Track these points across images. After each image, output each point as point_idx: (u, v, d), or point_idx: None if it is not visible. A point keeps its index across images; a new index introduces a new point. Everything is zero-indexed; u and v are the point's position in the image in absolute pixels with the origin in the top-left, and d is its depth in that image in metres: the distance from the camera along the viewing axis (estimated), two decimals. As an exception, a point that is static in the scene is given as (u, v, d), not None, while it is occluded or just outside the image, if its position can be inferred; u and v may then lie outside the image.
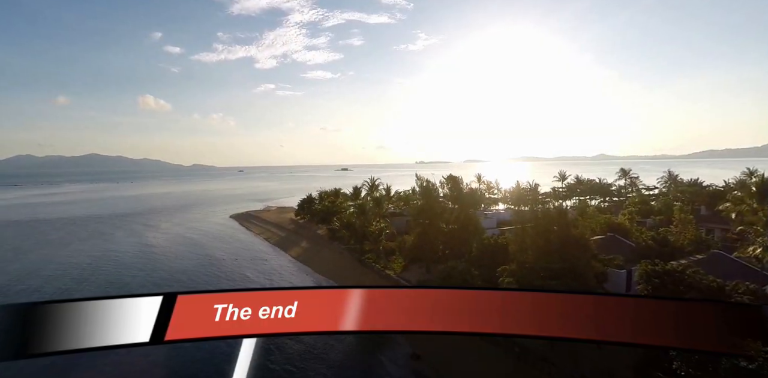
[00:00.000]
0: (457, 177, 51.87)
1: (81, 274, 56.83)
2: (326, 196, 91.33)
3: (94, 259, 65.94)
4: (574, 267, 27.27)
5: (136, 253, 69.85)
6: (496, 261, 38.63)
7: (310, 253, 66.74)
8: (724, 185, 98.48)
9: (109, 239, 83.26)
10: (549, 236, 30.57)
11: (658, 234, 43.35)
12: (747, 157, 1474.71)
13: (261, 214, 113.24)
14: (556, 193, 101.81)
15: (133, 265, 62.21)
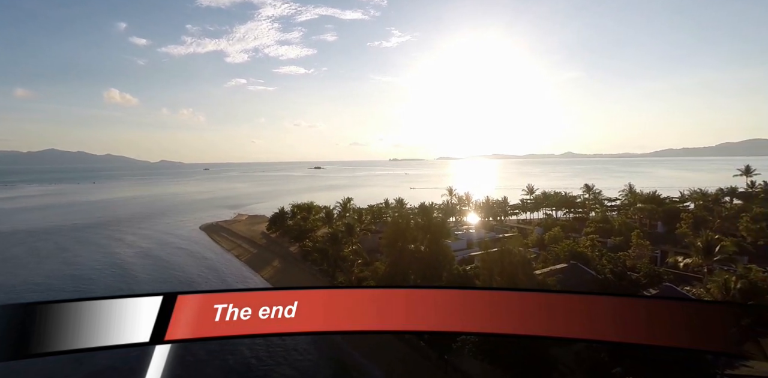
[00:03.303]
0: (429, 206, 52.44)
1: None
2: (299, 210, 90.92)
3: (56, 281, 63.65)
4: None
5: (102, 276, 67.72)
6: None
7: (282, 274, 66.43)
8: (680, 196, 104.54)
9: (70, 258, 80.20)
10: (515, 282, 31.82)
11: (617, 266, 45.73)
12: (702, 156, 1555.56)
13: (232, 226, 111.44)
14: (524, 205, 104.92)
15: (94, 291, 60.44)
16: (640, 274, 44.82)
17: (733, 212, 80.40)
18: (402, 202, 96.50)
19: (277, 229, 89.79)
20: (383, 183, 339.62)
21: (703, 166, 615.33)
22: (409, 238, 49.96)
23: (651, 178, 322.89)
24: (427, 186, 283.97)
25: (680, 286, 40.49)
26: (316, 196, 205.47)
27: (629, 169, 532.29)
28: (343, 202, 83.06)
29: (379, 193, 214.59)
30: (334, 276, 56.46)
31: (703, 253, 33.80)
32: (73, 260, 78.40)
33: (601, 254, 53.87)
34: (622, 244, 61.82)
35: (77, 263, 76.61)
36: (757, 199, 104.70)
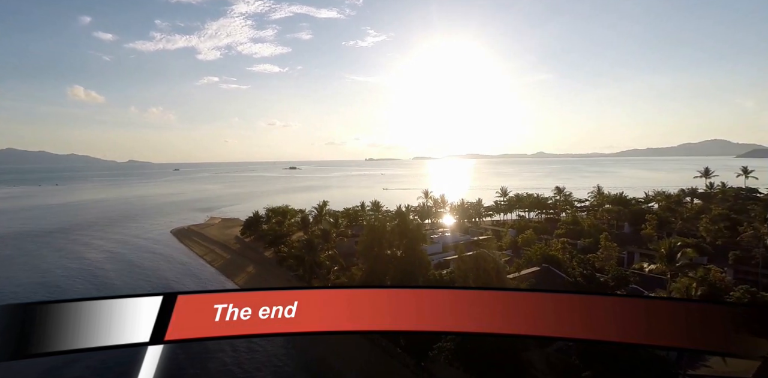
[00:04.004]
0: (405, 211, 52.71)
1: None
2: (274, 214, 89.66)
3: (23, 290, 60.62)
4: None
5: (71, 284, 65.06)
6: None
7: (257, 281, 65.36)
8: (645, 197, 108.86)
9: (37, 265, 76.56)
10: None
11: (586, 268, 47.25)
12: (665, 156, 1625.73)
13: (204, 230, 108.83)
14: (498, 207, 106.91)
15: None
16: (608, 277, 46.41)
17: (694, 213, 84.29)
18: (378, 205, 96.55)
19: (251, 234, 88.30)
20: (359, 184, 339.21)
21: (665, 165, 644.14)
22: (385, 243, 50.11)
23: (617, 178, 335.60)
24: (401, 187, 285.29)
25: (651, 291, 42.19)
26: (292, 197, 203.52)
27: (597, 169, 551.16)
28: (319, 206, 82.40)
29: (355, 194, 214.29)
30: (310, 282, 56.00)
31: (667, 260, 35.49)
32: (40, 267, 75.05)
33: (572, 256, 55.58)
34: (591, 246, 63.87)
35: (44, 270, 73.33)
36: (715, 199, 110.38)
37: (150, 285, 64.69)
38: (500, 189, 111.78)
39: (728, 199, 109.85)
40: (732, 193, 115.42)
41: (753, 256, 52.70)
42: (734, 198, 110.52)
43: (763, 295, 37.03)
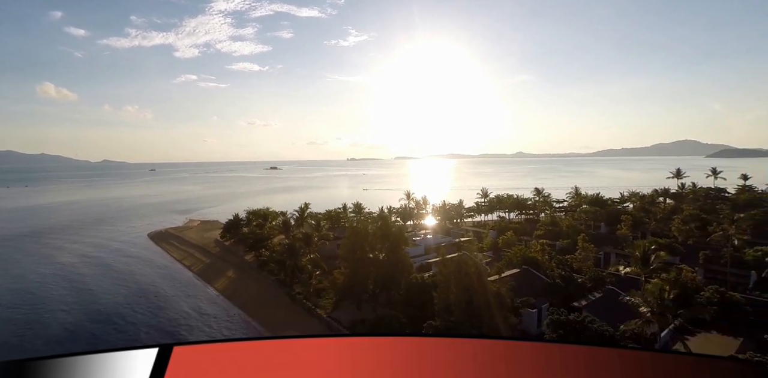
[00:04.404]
0: (387, 215, 52.72)
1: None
2: (254, 217, 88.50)
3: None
4: (492, 331, 29.64)
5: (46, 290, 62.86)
6: (424, 302, 40.66)
7: (237, 285, 64.40)
8: (620, 197, 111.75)
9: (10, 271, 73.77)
10: (471, 293, 32.74)
11: (565, 270, 48.23)
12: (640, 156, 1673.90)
13: (182, 233, 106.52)
14: (479, 208, 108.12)
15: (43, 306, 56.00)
16: (586, 278, 47.58)
17: (666, 213, 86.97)
18: (360, 206, 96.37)
19: (231, 237, 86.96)
20: (341, 184, 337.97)
21: (639, 165, 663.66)
22: (367, 246, 50.07)
23: (594, 178, 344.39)
24: (383, 187, 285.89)
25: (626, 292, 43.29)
26: (273, 198, 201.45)
27: (575, 169, 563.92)
28: (300, 208, 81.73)
29: (337, 195, 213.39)
30: (292, 287, 55.55)
31: (641, 263, 36.63)
32: (11, 273, 72.43)
33: (551, 257, 56.70)
34: (569, 247, 65.20)
35: (17, 276, 70.86)
36: (686, 199, 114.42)
37: (128, 291, 62.94)
38: (481, 190, 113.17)
39: (699, 198, 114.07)
40: (702, 193, 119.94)
41: (722, 256, 54.74)
42: (704, 198, 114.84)
43: (731, 295, 38.48)
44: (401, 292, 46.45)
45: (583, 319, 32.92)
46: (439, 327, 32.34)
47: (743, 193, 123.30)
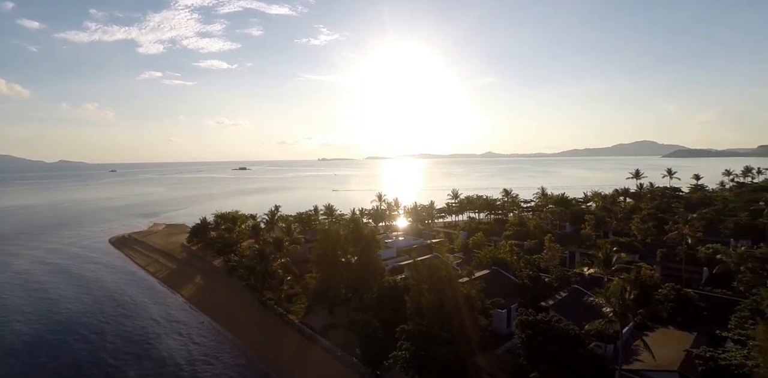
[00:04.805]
0: (359, 218, 52.65)
1: None
2: (223, 221, 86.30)
3: None
4: (463, 334, 30.15)
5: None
6: (396, 305, 40.77)
7: (205, 292, 62.68)
8: (584, 197, 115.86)
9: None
10: (442, 296, 33.17)
11: (533, 270, 49.62)
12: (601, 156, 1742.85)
13: (146, 238, 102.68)
14: (450, 209, 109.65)
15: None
16: (553, 278, 49.10)
17: (626, 213, 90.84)
18: (332, 209, 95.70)
19: (198, 241, 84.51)
20: (312, 185, 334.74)
21: (601, 165, 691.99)
22: (339, 250, 49.79)
23: (559, 178, 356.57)
24: (354, 188, 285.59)
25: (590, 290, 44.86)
26: (242, 200, 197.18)
27: (541, 169, 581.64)
28: (270, 211, 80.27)
29: (308, 196, 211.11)
30: (262, 293, 54.55)
31: (604, 264, 38.26)
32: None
33: (519, 257, 58.20)
34: (536, 247, 67.11)
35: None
36: (645, 198, 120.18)
37: (90, 299, 60.24)
38: (452, 191, 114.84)
39: (656, 197, 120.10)
40: (659, 193, 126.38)
41: (677, 254, 57.76)
42: (660, 197, 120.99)
43: (686, 292, 40.63)
44: (374, 296, 46.45)
45: (550, 319, 33.90)
46: (412, 331, 32.57)
47: (696, 193, 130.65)
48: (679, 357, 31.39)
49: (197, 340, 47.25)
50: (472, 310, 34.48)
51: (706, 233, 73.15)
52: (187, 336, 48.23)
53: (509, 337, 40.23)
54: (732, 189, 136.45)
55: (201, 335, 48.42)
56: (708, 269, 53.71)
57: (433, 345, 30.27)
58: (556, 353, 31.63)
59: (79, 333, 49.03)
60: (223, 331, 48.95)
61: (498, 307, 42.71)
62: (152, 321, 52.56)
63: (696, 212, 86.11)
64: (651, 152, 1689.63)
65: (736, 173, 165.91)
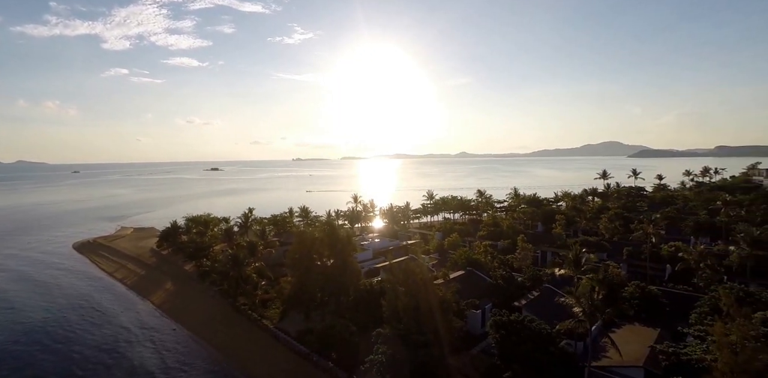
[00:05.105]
0: (334, 222, 52.35)
1: None
2: (194, 224, 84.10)
3: None
4: (438, 336, 30.48)
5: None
6: (373, 308, 40.77)
7: (176, 298, 60.92)
8: (554, 197, 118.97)
9: None
10: (418, 300, 33.43)
11: (506, 270, 50.65)
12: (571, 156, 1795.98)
13: (113, 242, 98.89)
14: (425, 210, 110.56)
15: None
16: (525, 277, 50.26)
17: (595, 212, 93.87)
18: (307, 211, 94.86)
19: (169, 246, 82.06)
20: (287, 186, 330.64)
21: (571, 165, 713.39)
22: (315, 254, 49.37)
23: (531, 178, 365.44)
24: (329, 188, 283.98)
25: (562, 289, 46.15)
26: (214, 202, 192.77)
27: (513, 169, 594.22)
28: (244, 214, 78.70)
29: (283, 197, 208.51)
30: (236, 298, 53.50)
31: (574, 265, 39.52)
32: None
33: (493, 257, 59.32)
34: (510, 247, 68.55)
35: None
36: (611, 198, 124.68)
37: (55, 307, 57.40)
38: (427, 192, 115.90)
39: (622, 197, 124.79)
40: (625, 192, 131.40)
41: (642, 251, 60.18)
42: (626, 196, 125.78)
43: (650, 289, 42.38)
44: (350, 299, 46.37)
45: (523, 319, 34.74)
46: (388, 335, 32.68)
47: (659, 192, 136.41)
48: (644, 353, 32.71)
49: (170, 347, 45.90)
50: (448, 312, 34.89)
51: (669, 231, 76.59)
52: (159, 343, 46.78)
53: (484, 336, 40.98)
54: (692, 188, 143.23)
55: (174, 342, 47.05)
56: (671, 266, 56.23)
57: (409, 348, 30.49)
58: (528, 353, 32.45)
59: (43, 343, 46.83)
60: (196, 338, 47.70)
61: (473, 307, 43.45)
62: (122, 329, 50.73)
63: (659, 211, 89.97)
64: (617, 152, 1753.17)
65: (695, 173, 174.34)
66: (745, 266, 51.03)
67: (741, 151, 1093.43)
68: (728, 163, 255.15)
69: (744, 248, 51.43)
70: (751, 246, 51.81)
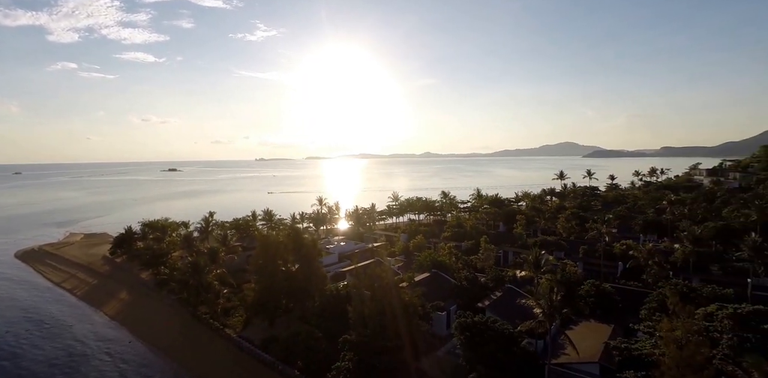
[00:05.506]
0: (298, 227, 51.62)
1: None
2: (151, 230, 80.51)
3: None
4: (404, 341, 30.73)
5: None
6: (339, 313, 40.54)
7: (132, 308, 58.04)
8: (515, 197, 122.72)
9: None
10: (384, 304, 33.55)
11: (470, 271, 51.75)
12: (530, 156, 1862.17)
13: (61, 250, 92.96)
14: (391, 211, 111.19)
15: None
16: (488, 278, 51.57)
17: (553, 212, 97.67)
18: (271, 214, 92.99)
19: (123, 253, 78.13)
20: (249, 187, 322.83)
21: (530, 165, 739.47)
22: (279, 259, 48.51)
23: (493, 177, 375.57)
24: (294, 189, 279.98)
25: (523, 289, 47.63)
26: (172, 205, 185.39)
27: (476, 168, 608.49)
28: (205, 218, 76.03)
29: (246, 199, 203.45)
30: (197, 307, 51.69)
31: (534, 267, 41.02)
32: None
33: (457, 259, 60.49)
34: (473, 247, 70.13)
35: None
36: (568, 197, 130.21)
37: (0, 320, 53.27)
38: (392, 194, 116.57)
39: (578, 196, 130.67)
40: (580, 192, 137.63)
41: (597, 250, 63.16)
42: (582, 196, 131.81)
43: (605, 287, 44.58)
44: (316, 305, 45.92)
45: (487, 320, 35.60)
46: (355, 341, 32.61)
47: (611, 191, 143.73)
48: (599, 349, 34.37)
49: (128, 359, 43.74)
50: (414, 316, 35.24)
51: (621, 230, 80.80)
52: (117, 356, 44.49)
53: (449, 338, 41.67)
54: (641, 188, 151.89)
55: (132, 354, 44.87)
56: (623, 263, 59.43)
57: (375, 354, 30.56)
58: (492, 353, 33.33)
59: (-14, 360, 43.48)
60: (154, 350, 45.67)
61: (438, 309, 44.13)
62: (75, 342, 47.84)
63: (612, 210, 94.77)
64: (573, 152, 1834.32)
65: (643, 173, 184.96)
66: (688, 262, 54.69)
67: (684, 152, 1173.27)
68: (673, 163, 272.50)
69: (687, 246, 55.06)
70: (693, 243, 55.59)
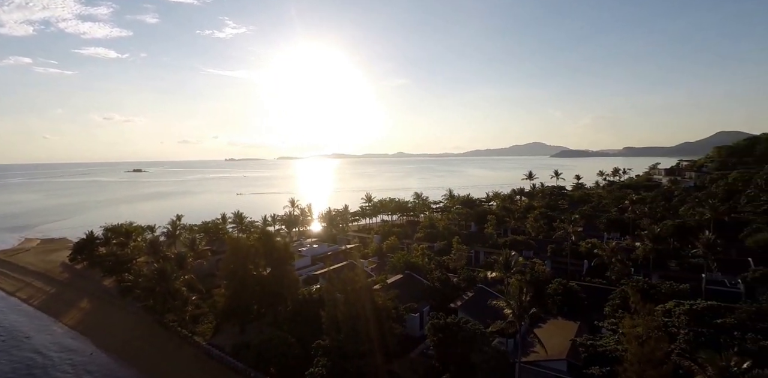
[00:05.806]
0: (269, 231, 50.82)
1: None
2: (114, 235, 77.27)
3: None
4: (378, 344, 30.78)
5: None
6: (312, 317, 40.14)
7: (94, 317, 55.51)
8: (486, 197, 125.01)
9: None
10: (357, 308, 33.47)
11: (442, 272, 52.38)
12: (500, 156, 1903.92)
13: (14, 257, 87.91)
14: (364, 212, 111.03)
15: None
16: (460, 278, 52.32)
17: (522, 212, 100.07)
18: (241, 217, 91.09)
19: (84, 259, 74.62)
20: (219, 188, 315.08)
21: (500, 164, 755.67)
22: (250, 263, 47.54)
23: (464, 177, 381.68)
24: (265, 190, 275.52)
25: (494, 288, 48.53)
26: (138, 208, 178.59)
27: (448, 168, 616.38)
28: (172, 222, 73.52)
29: (216, 201, 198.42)
30: (164, 315, 49.99)
31: (504, 268, 41.94)
32: None
33: (430, 259, 61.03)
34: (446, 248, 70.96)
35: None
36: (537, 197, 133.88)
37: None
38: (365, 195, 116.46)
39: (546, 196, 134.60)
40: (548, 191, 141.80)
41: (564, 248, 65.17)
42: (550, 195, 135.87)
43: (571, 285, 46.05)
44: (288, 309, 45.32)
45: (459, 321, 36.16)
46: (328, 346, 32.39)
47: (577, 191, 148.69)
48: (566, 346, 35.46)
49: (91, 370, 41.88)
50: (387, 319, 35.32)
51: (586, 228, 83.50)
52: (80, 367, 42.53)
53: (422, 338, 42.04)
54: (604, 187, 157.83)
55: (96, 365, 42.95)
56: (588, 261, 61.58)
57: (349, 359, 30.44)
58: (464, 353, 33.87)
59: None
60: (119, 360, 43.88)
61: (411, 311, 44.41)
62: (35, 354, 45.44)
63: (578, 209, 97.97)
64: (541, 152, 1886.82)
65: (607, 173, 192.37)
66: (648, 259, 57.24)
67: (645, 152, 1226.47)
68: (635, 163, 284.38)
69: (647, 244, 57.62)
70: (653, 241, 58.24)
